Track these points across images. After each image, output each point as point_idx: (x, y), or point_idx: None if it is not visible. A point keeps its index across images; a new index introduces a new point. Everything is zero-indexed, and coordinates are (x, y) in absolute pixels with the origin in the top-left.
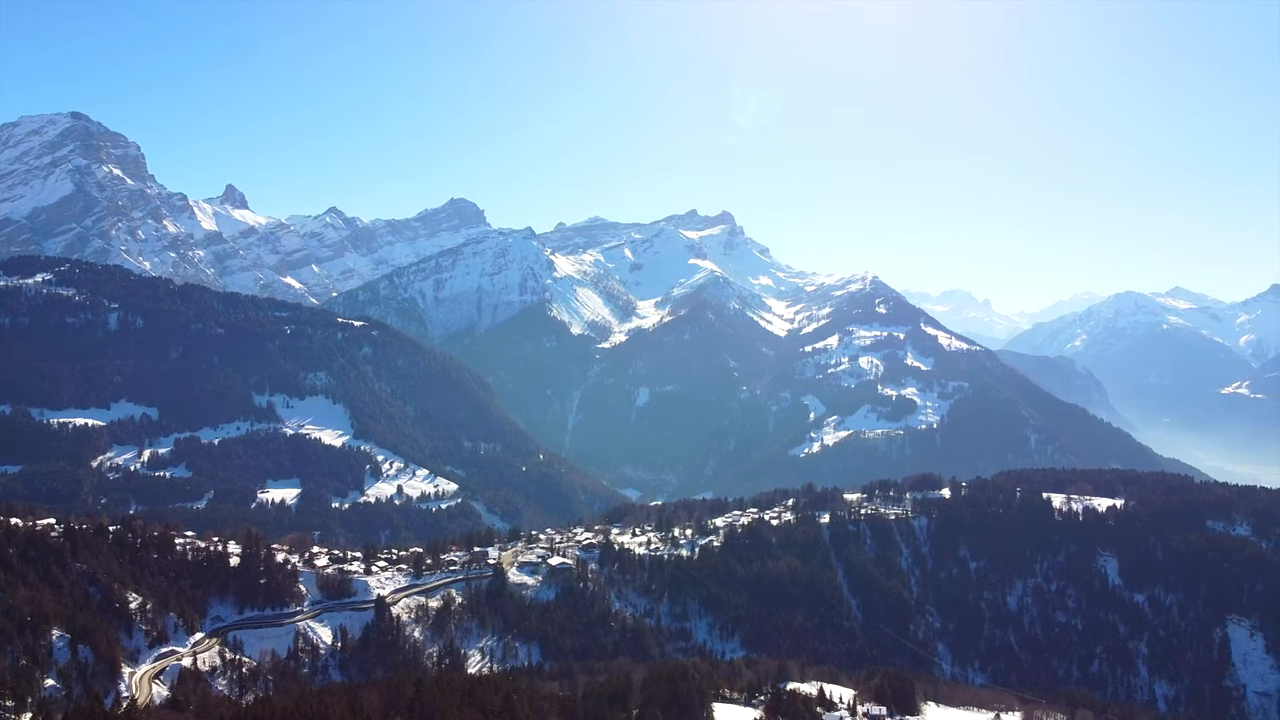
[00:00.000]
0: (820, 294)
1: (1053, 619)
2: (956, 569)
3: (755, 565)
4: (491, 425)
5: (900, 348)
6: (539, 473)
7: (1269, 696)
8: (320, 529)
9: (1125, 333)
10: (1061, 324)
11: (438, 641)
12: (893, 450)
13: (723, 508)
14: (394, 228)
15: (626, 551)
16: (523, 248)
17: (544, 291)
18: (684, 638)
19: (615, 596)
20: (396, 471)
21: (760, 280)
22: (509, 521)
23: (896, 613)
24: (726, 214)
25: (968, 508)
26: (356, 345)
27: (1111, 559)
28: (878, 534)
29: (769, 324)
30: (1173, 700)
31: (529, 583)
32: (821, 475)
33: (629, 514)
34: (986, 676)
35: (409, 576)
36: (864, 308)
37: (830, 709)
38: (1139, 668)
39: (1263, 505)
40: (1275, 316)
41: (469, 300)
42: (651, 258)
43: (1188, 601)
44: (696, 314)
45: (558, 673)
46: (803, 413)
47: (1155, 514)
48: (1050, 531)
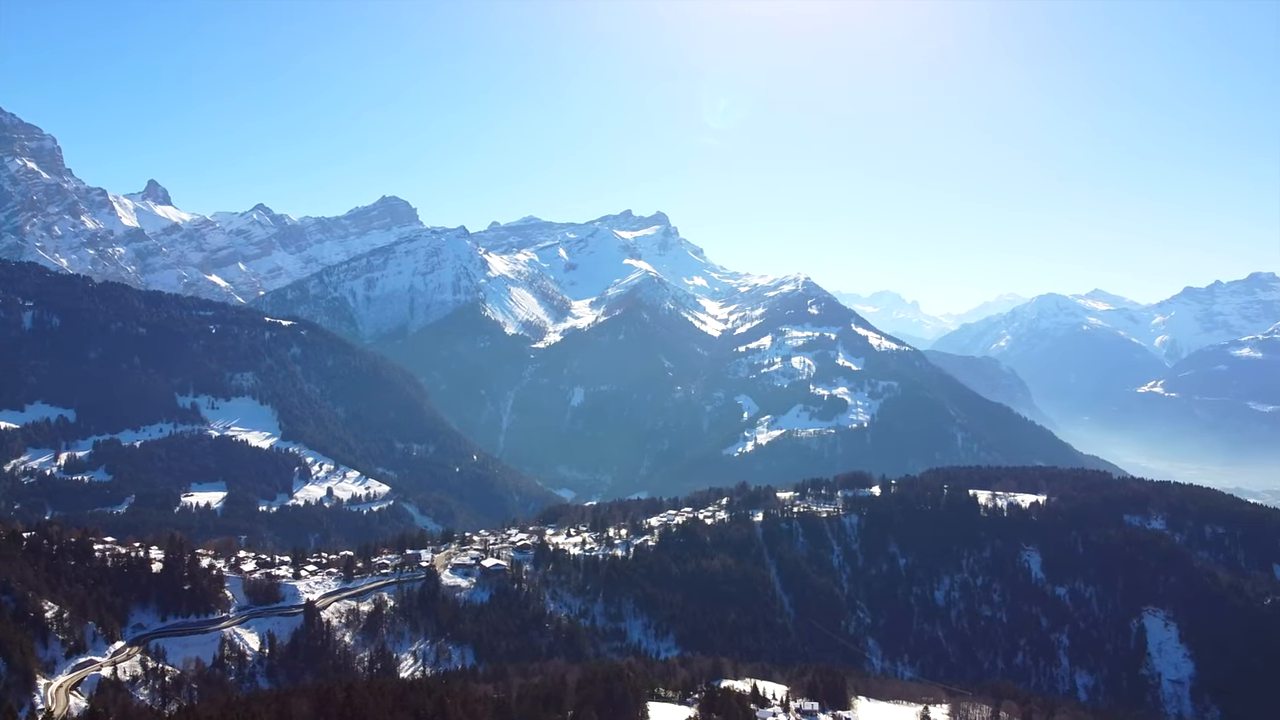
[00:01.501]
0: (754, 295)
1: (979, 613)
2: (886, 565)
3: (690, 564)
4: (424, 426)
5: (832, 348)
6: (473, 474)
7: (1182, 684)
8: (247, 533)
9: (1047, 333)
10: (987, 325)
11: (369, 646)
12: (824, 449)
13: (657, 507)
14: (324, 225)
15: (561, 552)
16: (456, 247)
17: (478, 291)
18: (619, 638)
19: (550, 597)
20: (326, 474)
21: (695, 281)
22: (442, 523)
23: (828, 609)
24: (661, 214)
25: (897, 505)
26: (285, 345)
27: (1035, 554)
28: (810, 532)
29: (703, 324)
30: (1092, 690)
31: (462, 585)
32: (755, 474)
33: (564, 514)
34: (915, 670)
35: (339, 580)
36: (796, 308)
37: (763, 705)
38: (1060, 659)
39: (1176, 500)
40: (1188, 318)
41: (401, 300)
42: (586, 258)
43: (1106, 594)
44: (631, 314)
45: (492, 675)
46: (736, 412)
47: (1076, 509)
48: (976, 527)
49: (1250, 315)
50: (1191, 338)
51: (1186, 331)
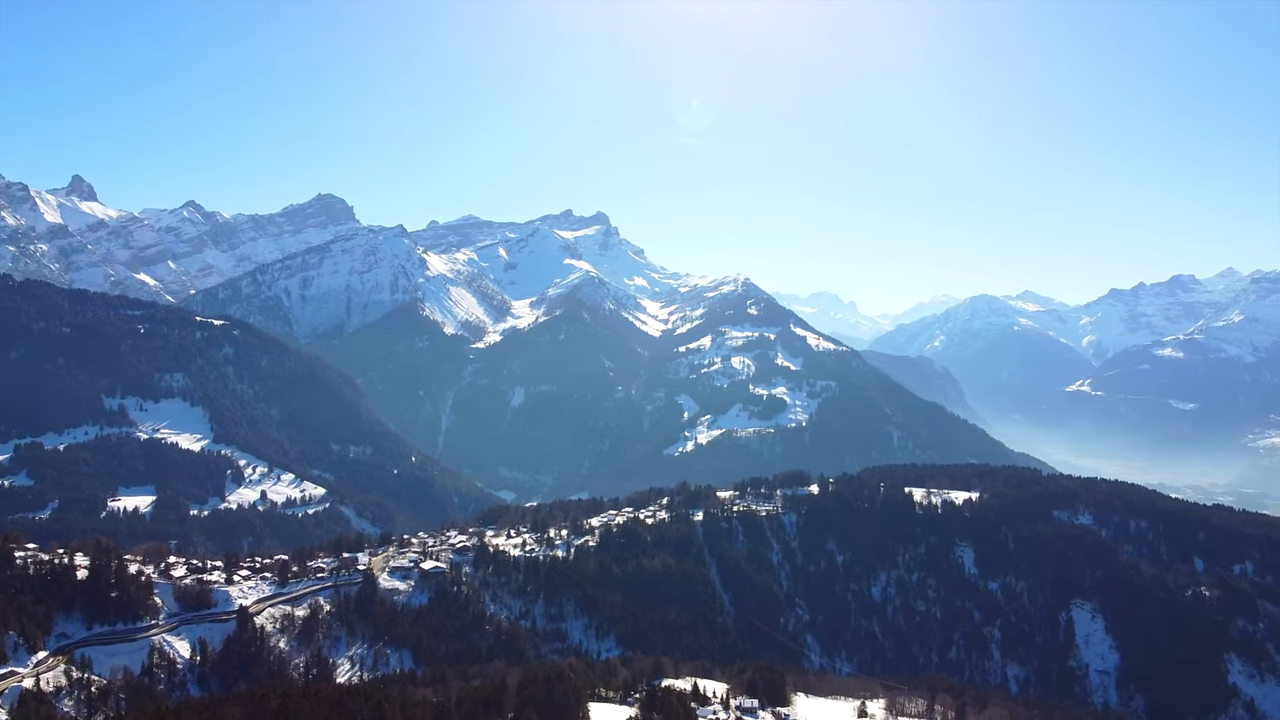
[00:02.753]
0: (694, 295)
1: (914, 608)
2: (824, 562)
3: (630, 564)
4: (361, 427)
5: (771, 348)
6: (411, 475)
7: (1108, 674)
8: (178, 538)
9: (980, 334)
10: (922, 325)
11: (305, 651)
12: (764, 448)
13: (598, 507)
14: (257, 223)
15: (501, 554)
16: (394, 245)
17: (416, 290)
18: (559, 639)
19: (490, 599)
20: (260, 476)
21: (635, 281)
22: (380, 526)
23: (768, 607)
24: (601, 214)
25: (835, 503)
26: (217, 345)
27: (968, 549)
28: (749, 530)
29: (644, 324)
30: (1023, 681)
31: (400, 588)
32: (695, 474)
33: (504, 516)
34: (853, 665)
35: (274, 585)
36: (736, 309)
37: (704, 704)
38: (993, 652)
39: (1103, 496)
40: (1114, 319)
41: (337, 299)
42: (527, 257)
43: (1036, 588)
44: (572, 314)
45: (431, 679)
46: (677, 412)
47: (1007, 506)
48: (912, 524)
49: (1172, 316)
50: (1117, 338)
51: (1112, 332)
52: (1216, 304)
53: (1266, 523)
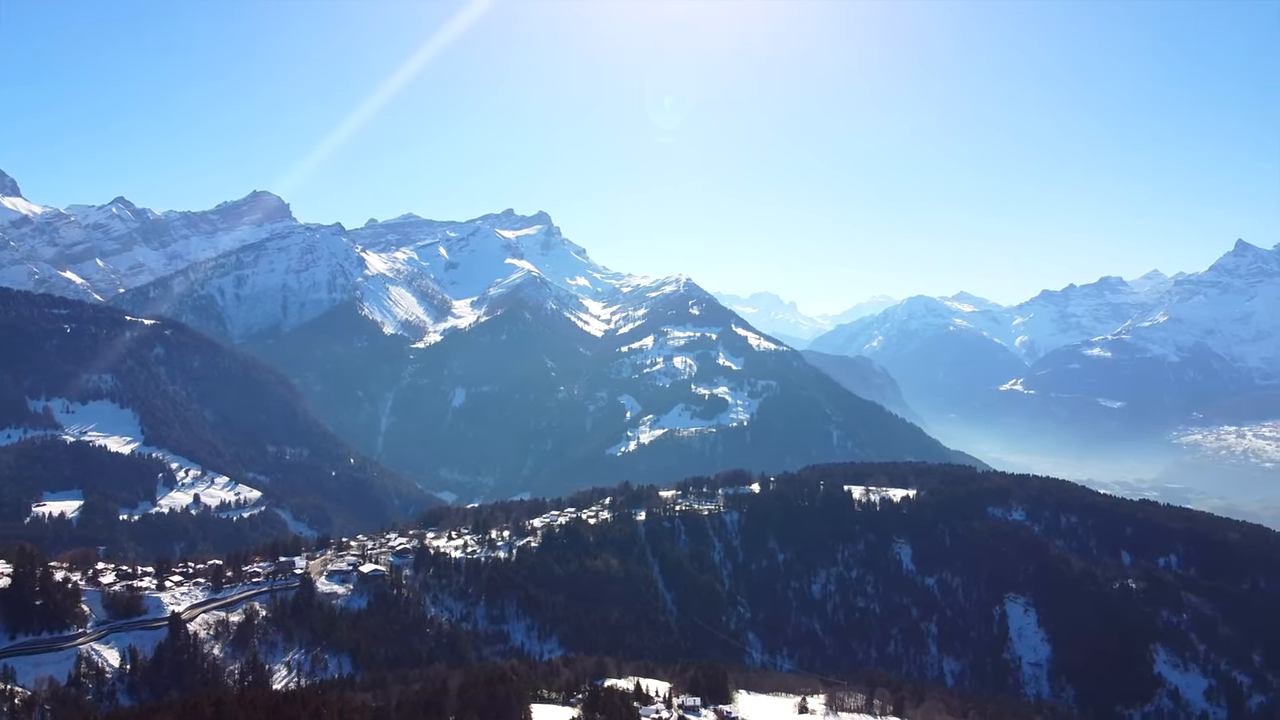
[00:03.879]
0: (636, 295)
1: (853, 604)
2: (766, 560)
3: (573, 564)
4: (298, 429)
5: (712, 348)
6: (350, 477)
7: (1040, 666)
8: (107, 544)
9: (917, 334)
10: (860, 325)
11: (240, 657)
12: (705, 447)
13: (540, 508)
14: (190, 220)
15: (442, 555)
16: (332, 244)
17: (354, 290)
18: (501, 640)
19: (430, 602)
20: (193, 479)
21: (577, 281)
22: (318, 529)
23: (710, 605)
24: (543, 214)
25: (776, 501)
26: (147, 345)
27: (905, 546)
28: (692, 529)
29: (586, 324)
30: (959, 675)
31: (339, 591)
32: (638, 473)
33: (445, 517)
34: (794, 662)
35: (207, 590)
36: (678, 309)
37: (646, 703)
38: (930, 646)
39: (1035, 492)
40: (1045, 319)
41: (273, 298)
42: (467, 257)
43: (971, 583)
44: (514, 314)
45: (370, 683)
46: (619, 412)
47: (943, 503)
48: (851, 522)
49: (1100, 317)
50: (1048, 338)
51: (1044, 332)
52: (1143, 305)
53: (1189, 517)
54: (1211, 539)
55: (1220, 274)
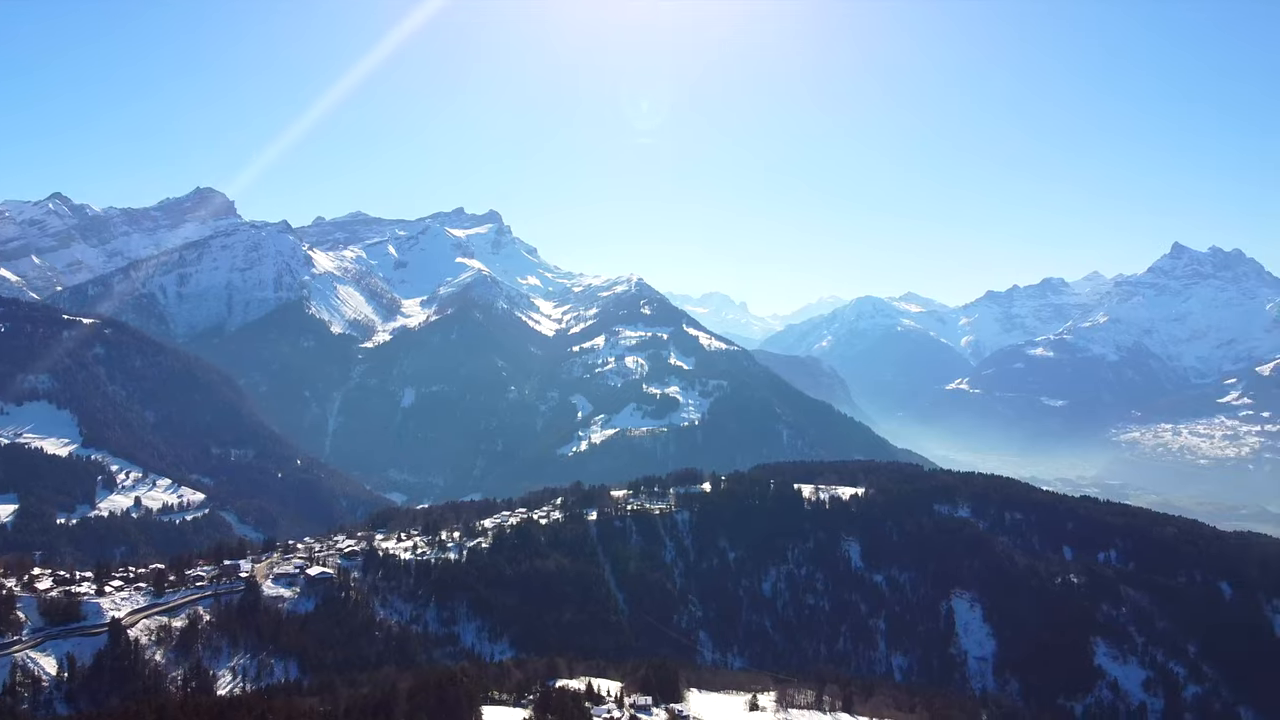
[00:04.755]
0: (587, 295)
1: (803, 602)
2: (717, 559)
3: (524, 565)
4: (243, 430)
5: (664, 348)
6: (297, 479)
7: (986, 661)
8: (43, 548)
9: (865, 334)
10: (810, 326)
11: (183, 664)
12: (657, 447)
13: (491, 509)
14: (131, 217)
15: (392, 557)
16: (278, 241)
17: (301, 288)
18: (452, 642)
19: (380, 604)
20: (134, 482)
21: (528, 280)
22: (264, 531)
23: (661, 604)
24: (494, 213)
25: (726, 500)
26: (86, 345)
27: (854, 543)
28: (643, 529)
29: (537, 324)
30: (907, 670)
31: (286, 595)
32: (589, 473)
33: (394, 518)
34: (745, 660)
35: (149, 596)
36: (629, 309)
37: (598, 703)
38: (878, 642)
39: (980, 490)
40: (990, 320)
41: (218, 296)
42: (417, 255)
43: (919, 579)
44: (464, 313)
45: (318, 688)
46: (570, 412)
47: (891, 500)
48: (801, 520)
49: (1043, 317)
50: (993, 338)
51: (989, 332)
52: (1083, 306)
53: (1128, 512)
54: (1149, 534)
55: (1157, 275)
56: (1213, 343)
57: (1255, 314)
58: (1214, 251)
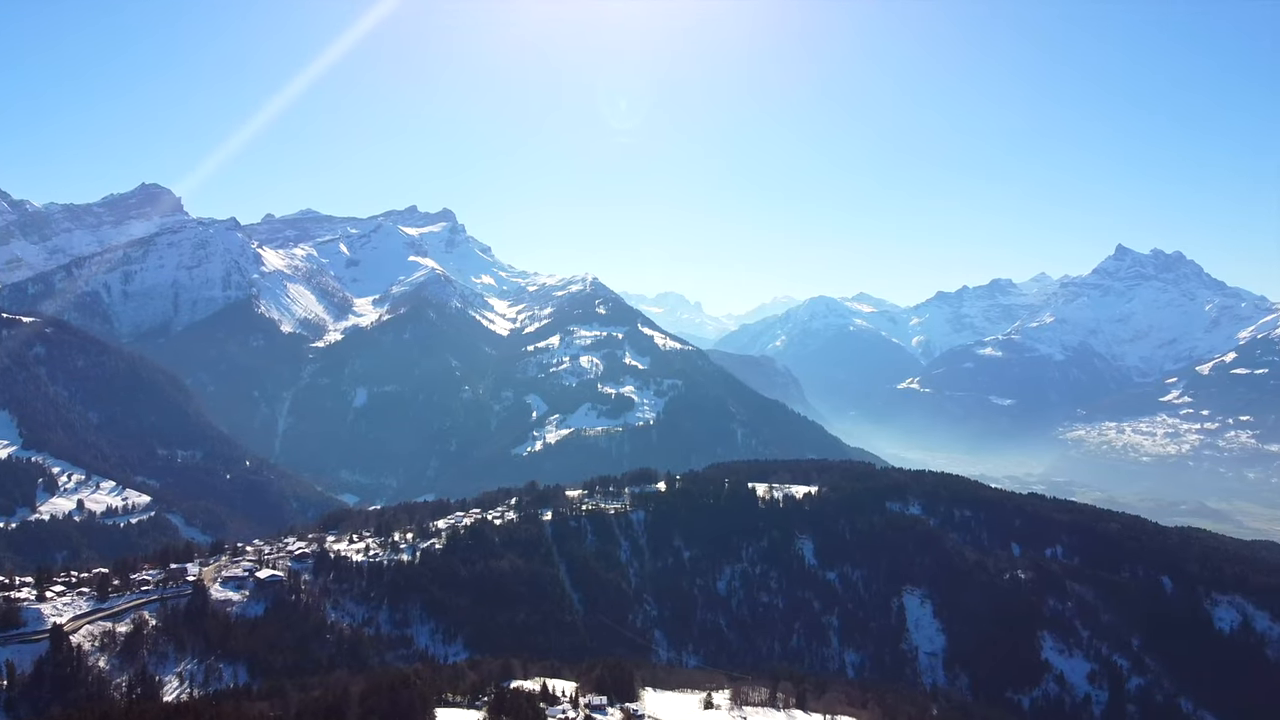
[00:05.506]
0: (542, 294)
1: (758, 600)
2: (672, 558)
3: (478, 566)
4: (190, 431)
5: (619, 347)
6: (245, 480)
7: (936, 656)
8: None
9: (818, 334)
10: (764, 325)
11: (128, 670)
12: (612, 446)
13: (445, 509)
14: (73, 214)
15: (343, 559)
16: (226, 239)
17: (250, 287)
18: (405, 645)
19: (331, 607)
20: (76, 484)
21: (483, 279)
22: (212, 534)
23: (616, 604)
24: (448, 211)
25: (681, 500)
26: (26, 344)
27: (808, 541)
28: (598, 529)
29: (492, 323)
30: (859, 666)
31: (234, 598)
32: (544, 473)
33: (346, 520)
34: (700, 658)
35: (92, 600)
36: (584, 308)
37: (553, 703)
38: (831, 639)
39: (930, 487)
40: (940, 320)
41: (164, 295)
42: (369, 254)
43: (871, 576)
44: (417, 312)
45: (268, 692)
46: (525, 412)
47: (844, 499)
48: (755, 518)
49: (992, 318)
50: (943, 338)
51: (939, 332)
52: (1031, 306)
53: (1073, 509)
54: (1094, 530)
55: (1102, 277)
56: (1155, 343)
57: (1195, 315)
58: (1156, 254)
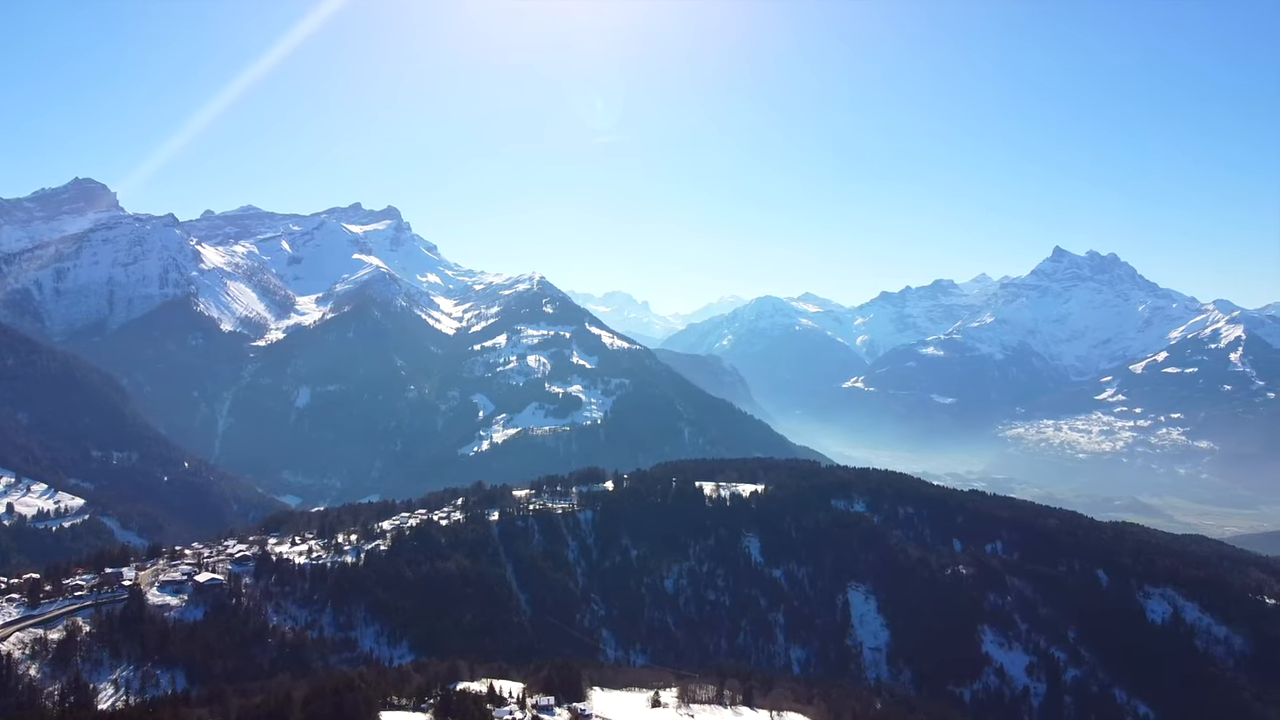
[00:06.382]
0: (489, 293)
1: (705, 598)
2: (619, 557)
3: (425, 567)
4: (126, 432)
5: (566, 347)
6: (184, 482)
7: (880, 651)
8: None
9: (765, 333)
10: (711, 325)
11: (60, 678)
12: (560, 446)
13: (390, 510)
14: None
15: (286, 562)
16: (164, 236)
17: (189, 284)
18: (349, 648)
19: (273, 610)
20: (6, 487)
21: (428, 278)
22: (149, 537)
23: (564, 604)
24: (393, 209)
25: (629, 499)
26: None
27: (754, 539)
28: (546, 528)
29: (438, 322)
30: (805, 662)
31: (172, 603)
32: (491, 473)
33: (289, 522)
34: (647, 657)
35: (22, 607)
36: (532, 307)
37: (500, 705)
38: (777, 636)
39: (875, 485)
40: (884, 320)
41: (98, 293)
42: (312, 251)
43: (817, 573)
44: (362, 311)
45: (207, 698)
46: (472, 411)
47: (790, 496)
48: (702, 517)
49: (934, 318)
50: (887, 337)
51: (883, 332)
52: (972, 306)
53: (1013, 505)
54: (1033, 526)
55: (1040, 278)
56: (1090, 342)
57: (1129, 315)
58: (1091, 256)
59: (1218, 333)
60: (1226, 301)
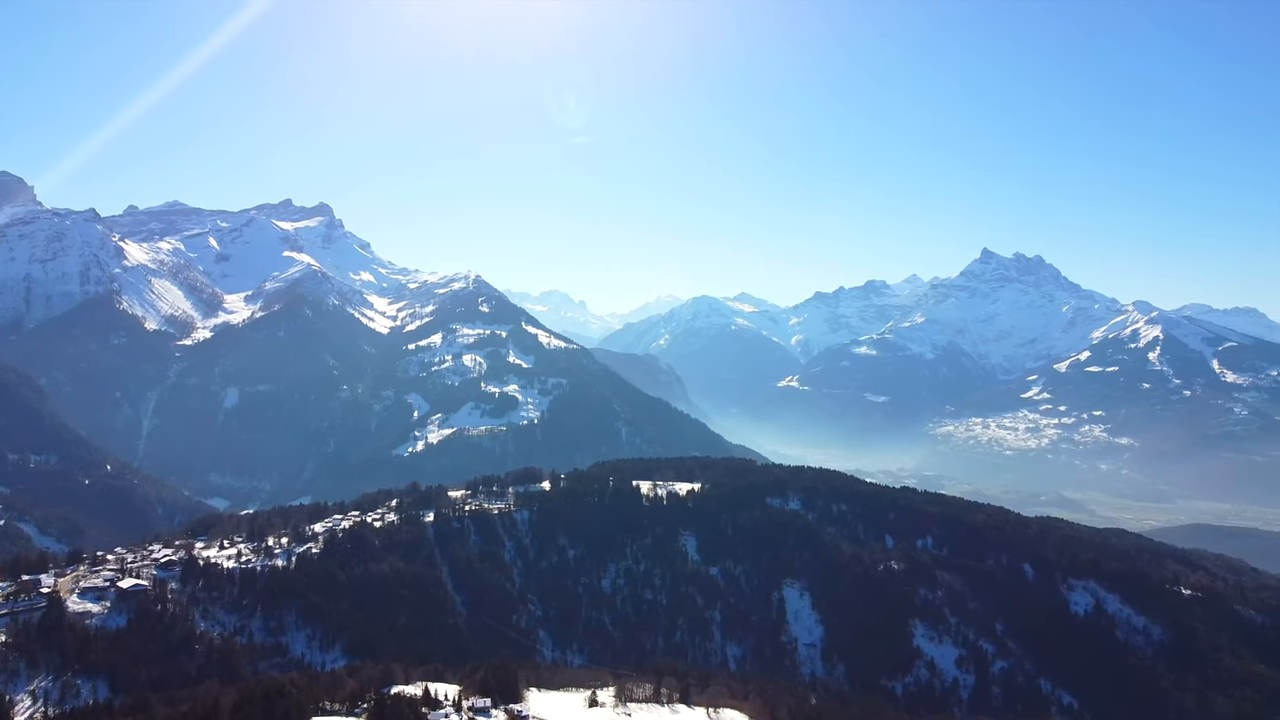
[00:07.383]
0: (424, 292)
1: (642, 597)
2: (557, 557)
3: (358, 570)
4: (43, 433)
5: (503, 346)
6: (106, 485)
7: (814, 646)
8: None
9: (701, 333)
10: (648, 324)
11: None
12: (496, 446)
13: (322, 512)
14: None
15: (213, 566)
16: (85, 231)
17: (112, 282)
18: (280, 653)
19: (201, 616)
20: None
21: (362, 276)
22: (68, 543)
23: (501, 605)
24: (325, 206)
25: (566, 498)
26: None
27: (691, 538)
28: (482, 529)
29: (371, 321)
30: (741, 659)
31: (94, 610)
32: (426, 474)
33: (217, 525)
34: (585, 657)
35: None
36: (467, 306)
37: (435, 708)
38: (714, 633)
39: (810, 483)
40: (818, 320)
41: (14, 290)
42: (241, 248)
43: (753, 570)
44: (292, 309)
45: (131, 708)
46: (406, 411)
47: (726, 495)
48: (640, 516)
49: (867, 318)
50: (821, 337)
51: (817, 332)
52: (903, 307)
53: (943, 501)
54: (962, 521)
55: (969, 279)
56: (1017, 342)
57: (1054, 316)
58: (1018, 257)
59: (1137, 333)
60: (1145, 302)
